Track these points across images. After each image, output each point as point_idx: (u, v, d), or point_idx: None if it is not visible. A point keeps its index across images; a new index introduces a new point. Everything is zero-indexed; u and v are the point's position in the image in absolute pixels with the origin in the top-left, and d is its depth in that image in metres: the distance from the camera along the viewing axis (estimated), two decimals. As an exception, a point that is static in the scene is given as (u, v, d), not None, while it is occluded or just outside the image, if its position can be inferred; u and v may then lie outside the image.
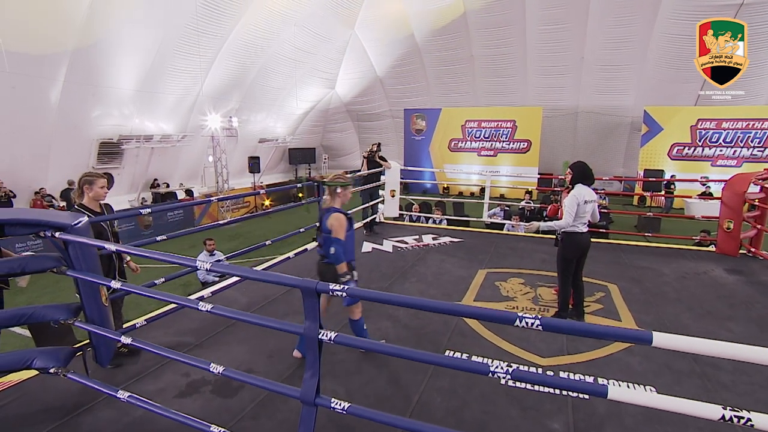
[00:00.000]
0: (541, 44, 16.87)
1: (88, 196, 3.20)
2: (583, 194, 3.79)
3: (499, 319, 1.55)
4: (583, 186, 3.86)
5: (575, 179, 3.90)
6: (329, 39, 19.17)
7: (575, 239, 3.86)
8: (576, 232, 3.84)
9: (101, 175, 3.28)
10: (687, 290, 4.71)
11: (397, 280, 5.03)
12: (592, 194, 3.87)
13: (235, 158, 18.54)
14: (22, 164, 11.81)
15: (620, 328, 1.52)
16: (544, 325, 1.50)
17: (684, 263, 5.69)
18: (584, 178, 3.88)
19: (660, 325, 3.82)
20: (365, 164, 6.98)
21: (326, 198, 3.20)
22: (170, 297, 2.19)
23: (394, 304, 1.73)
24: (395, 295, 1.71)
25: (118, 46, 12.07)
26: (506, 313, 1.52)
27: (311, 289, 1.68)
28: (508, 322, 1.51)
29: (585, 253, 3.95)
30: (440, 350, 3.38)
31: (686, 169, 15.95)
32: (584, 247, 3.92)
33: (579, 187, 3.85)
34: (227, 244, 11.20)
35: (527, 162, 18.09)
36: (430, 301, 1.66)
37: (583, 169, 3.92)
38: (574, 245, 3.87)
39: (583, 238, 3.88)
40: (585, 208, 3.80)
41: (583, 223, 3.83)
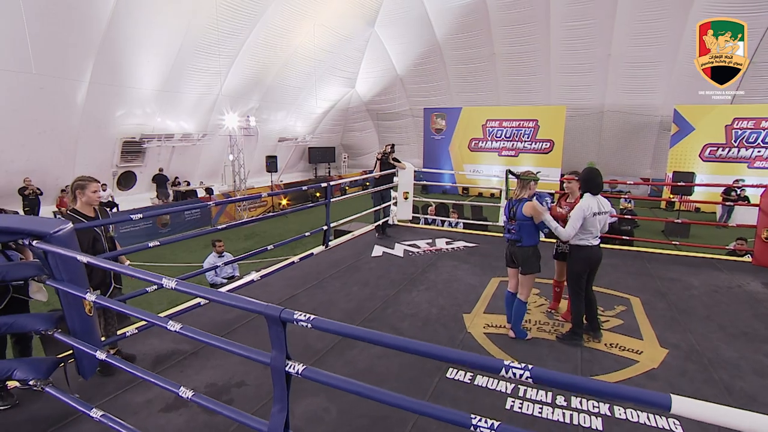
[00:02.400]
0: (566, 41, 16.31)
1: (81, 201, 3.13)
2: (591, 206, 3.47)
3: (483, 367, 1.34)
4: (591, 196, 3.53)
5: (582, 188, 3.64)
6: (349, 37, 19.08)
7: (585, 253, 3.57)
8: (585, 246, 3.56)
9: (94, 180, 3.21)
10: (718, 306, 4.34)
11: (405, 287, 4.84)
12: (603, 204, 3.57)
13: (255, 157, 18.68)
14: (50, 163, 12.14)
15: (625, 388, 1.25)
16: (535, 378, 1.28)
17: (716, 275, 5.28)
18: (591, 187, 3.55)
19: (687, 347, 3.50)
20: (378, 165, 6.81)
21: (515, 190, 3.67)
22: (139, 313, 2.05)
23: (362, 340, 1.53)
24: (364, 331, 1.51)
25: (140, 47, 12.27)
26: (491, 361, 1.31)
27: (275, 317, 1.51)
28: (493, 371, 1.30)
29: (596, 267, 3.67)
30: (443, 367, 3.17)
31: (719, 171, 15.11)
32: (594, 261, 3.63)
33: (587, 197, 3.53)
34: (243, 243, 11.23)
35: (550, 163, 17.52)
36: (403, 339, 1.47)
37: (588, 176, 3.58)
38: (584, 259, 3.58)
39: (593, 252, 3.58)
40: (593, 220, 3.49)
41: (594, 236, 3.55)
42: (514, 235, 3.61)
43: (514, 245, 3.65)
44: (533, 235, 3.56)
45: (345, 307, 4.29)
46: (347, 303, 4.41)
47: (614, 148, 17.90)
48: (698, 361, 3.28)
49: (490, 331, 3.76)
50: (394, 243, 6.67)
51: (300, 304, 4.40)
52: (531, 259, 3.53)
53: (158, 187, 15.51)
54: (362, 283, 4.97)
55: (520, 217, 3.55)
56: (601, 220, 3.54)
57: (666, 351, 3.40)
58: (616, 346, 3.47)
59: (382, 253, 6.20)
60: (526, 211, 3.52)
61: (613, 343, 3.51)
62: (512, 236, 3.62)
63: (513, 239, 3.63)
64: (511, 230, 3.62)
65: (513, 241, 3.64)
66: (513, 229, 3.61)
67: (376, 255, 6.13)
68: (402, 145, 24.63)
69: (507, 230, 3.69)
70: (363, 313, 4.15)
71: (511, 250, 3.69)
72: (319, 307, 4.32)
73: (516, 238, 3.60)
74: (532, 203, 3.51)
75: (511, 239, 3.65)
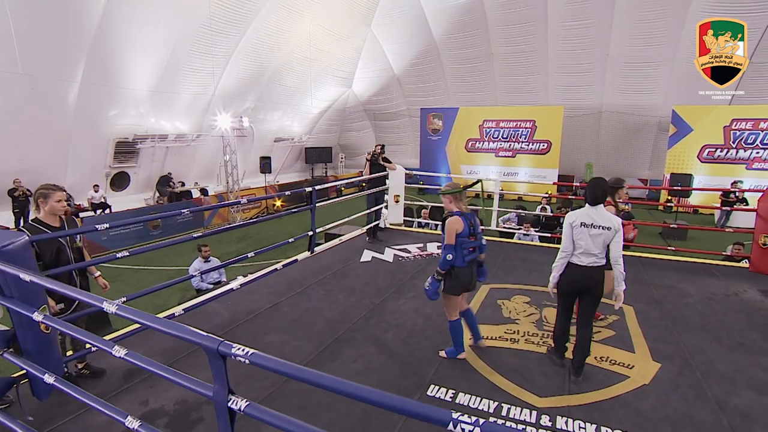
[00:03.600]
0: (564, 41, 16.16)
1: (44, 211, 2.98)
2: (578, 216, 3.06)
3: (429, 419, 1.16)
4: (586, 207, 3.08)
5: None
6: (345, 37, 18.93)
7: (568, 271, 3.11)
8: (570, 264, 3.11)
9: (58, 188, 3.04)
10: (714, 315, 4.21)
11: (392, 295, 4.70)
12: (598, 218, 2.99)
13: (251, 157, 18.53)
14: (42, 163, 11.99)
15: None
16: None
17: (712, 282, 5.15)
18: (586, 198, 3.11)
19: (680, 359, 3.37)
20: (368, 167, 6.65)
21: (453, 203, 3.30)
22: (85, 335, 1.90)
23: (303, 381, 1.36)
24: (305, 371, 1.33)
25: (133, 46, 12.10)
26: (438, 413, 1.15)
27: (213, 350, 1.37)
28: (440, 424, 1.14)
29: (586, 291, 3.09)
30: (424, 384, 3.03)
31: (718, 172, 14.96)
32: (576, 283, 3.08)
33: (582, 208, 3.12)
34: (235, 246, 11.09)
35: (547, 163, 17.39)
36: (348, 384, 1.33)
37: (589, 186, 3.11)
38: (566, 278, 3.13)
39: (577, 272, 3.05)
40: (580, 233, 3.02)
41: (583, 253, 3.03)
42: (475, 254, 3.28)
43: (474, 264, 3.30)
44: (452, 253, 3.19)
45: (328, 316, 4.15)
46: (331, 311, 4.27)
47: (612, 148, 17.76)
48: (692, 375, 3.15)
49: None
50: (384, 247, 6.53)
51: (282, 312, 4.26)
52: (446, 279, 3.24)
53: (158, 185, 15.39)
54: (348, 290, 4.83)
55: (478, 231, 3.29)
56: (594, 235, 2.99)
57: (658, 365, 3.27)
58: (606, 360, 3.34)
59: (371, 258, 6.06)
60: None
61: (604, 357, 3.38)
62: (474, 255, 3.27)
63: (474, 258, 3.29)
64: (472, 249, 3.24)
65: (473, 261, 3.28)
66: (474, 246, 3.25)
67: (365, 260, 5.99)
68: (399, 146, 24.50)
69: (468, 249, 3.21)
70: (347, 322, 4.01)
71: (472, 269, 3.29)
72: (302, 316, 4.18)
73: (475, 257, 3.30)
74: (456, 218, 3.18)
75: (474, 259, 3.28)
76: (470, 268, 3.25)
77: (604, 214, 3.03)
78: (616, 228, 2.98)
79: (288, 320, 4.08)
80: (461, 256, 3.17)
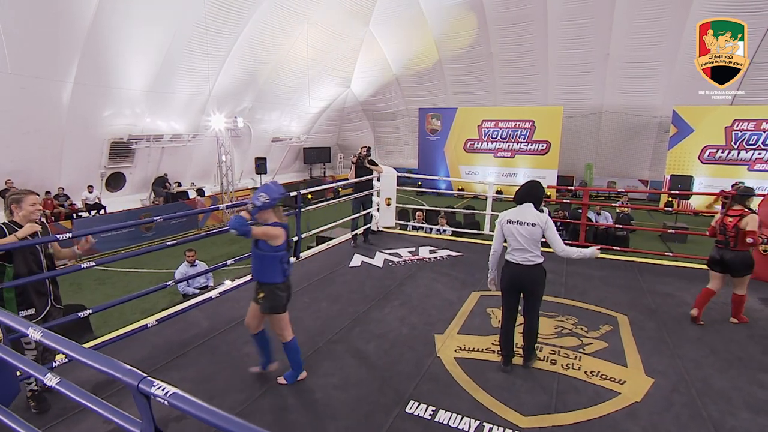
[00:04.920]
0: (564, 40, 15.97)
1: (17, 216, 2.86)
2: (506, 215, 3.24)
3: None
4: (518, 206, 3.26)
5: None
6: (343, 37, 18.77)
7: (505, 269, 3.25)
8: (507, 260, 3.24)
9: (30, 193, 2.93)
10: (712, 326, 4.05)
11: (378, 303, 4.55)
12: (524, 215, 3.15)
13: (248, 158, 18.39)
14: (35, 164, 11.88)
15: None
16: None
17: (710, 289, 4.97)
18: (516, 198, 3.30)
19: (675, 374, 3.20)
20: (353, 170, 6.48)
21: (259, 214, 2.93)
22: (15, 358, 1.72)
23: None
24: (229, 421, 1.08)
25: (127, 46, 11.97)
26: None
27: (133, 386, 1.22)
28: None
29: (524, 289, 3.20)
30: (403, 400, 2.88)
31: (719, 173, 14.74)
32: (513, 279, 3.18)
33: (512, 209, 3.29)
34: (227, 249, 10.95)
35: (546, 164, 17.20)
36: None
37: (521, 188, 3.31)
38: (504, 275, 3.25)
39: (512, 269, 3.17)
40: (508, 230, 3.19)
41: (515, 249, 3.15)
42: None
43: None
44: (268, 268, 2.88)
45: (310, 326, 4.00)
46: (313, 321, 4.12)
47: (612, 149, 17.57)
48: (686, 393, 2.99)
49: (462, 355, 3.47)
50: (375, 252, 6.38)
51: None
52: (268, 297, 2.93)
53: (155, 186, 15.28)
54: (333, 297, 4.69)
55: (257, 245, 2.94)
56: (518, 231, 3.12)
57: (651, 380, 3.11)
58: (597, 375, 3.18)
59: (360, 263, 5.91)
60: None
61: (594, 371, 3.22)
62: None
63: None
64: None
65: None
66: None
67: (354, 265, 5.84)
68: (398, 146, 24.36)
69: (288, 263, 2.98)
70: (328, 333, 3.86)
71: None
72: (283, 325, 4.02)
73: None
74: (280, 230, 2.87)
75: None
76: (288, 282, 3.01)
77: (531, 212, 3.17)
78: (541, 224, 3.11)
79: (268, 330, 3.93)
80: (282, 270, 2.89)
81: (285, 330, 3.00)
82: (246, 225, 2.68)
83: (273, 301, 2.91)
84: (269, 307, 2.92)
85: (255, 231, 2.74)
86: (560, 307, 4.40)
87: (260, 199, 2.76)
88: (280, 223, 2.88)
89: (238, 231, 2.66)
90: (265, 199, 2.76)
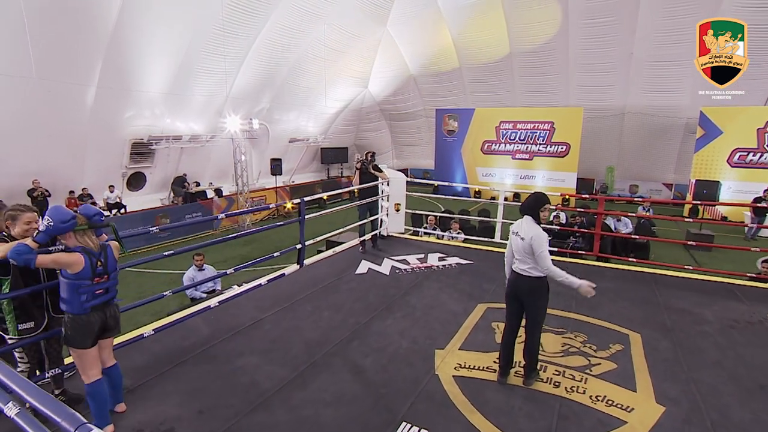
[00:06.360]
0: (586, 39, 15.53)
1: (13, 231, 2.82)
2: (514, 225, 3.31)
3: None
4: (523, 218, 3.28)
5: None
6: (361, 37, 18.72)
7: (510, 276, 3.34)
8: (512, 269, 3.30)
9: (27, 210, 2.79)
10: (734, 348, 3.79)
11: (380, 313, 4.45)
12: (522, 227, 3.18)
13: (266, 157, 18.56)
14: (60, 165, 12.26)
15: None
16: None
17: (734, 306, 4.69)
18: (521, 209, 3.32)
19: (689, 402, 3.00)
20: (358, 176, 6.39)
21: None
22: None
23: None
24: None
25: (147, 49, 12.22)
26: None
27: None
28: None
29: (521, 299, 3.19)
30: (395, 421, 2.78)
31: (749, 178, 14.06)
32: (511, 287, 3.27)
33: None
34: (240, 250, 11.05)
35: (565, 167, 16.77)
36: None
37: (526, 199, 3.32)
38: (508, 281, 3.34)
39: (513, 277, 3.26)
40: (511, 240, 3.28)
41: (517, 260, 3.20)
42: (107, 295, 2.66)
43: (108, 308, 2.69)
44: (65, 296, 2.52)
45: (309, 337, 3.94)
46: (313, 331, 4.06)
47: (635, 151, 17.00)
48: (700, 424, 2.79)
49: (461, 373, 3.35)
50: (383, 258, 6.29)
51: (263, 331, 4.08)
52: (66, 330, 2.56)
53: (174, 185, 15.59)
54: (336, 307, 4.62)
55: (111, 268, 2.68)
56: (515, 242, 3.19)
57: (662, 409, 2.92)
58: (602, 399, 3.01)
59: (367, 270, 5.83)
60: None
61: (600, 395, 3.05)
62: (105, 297, 2.65)
63: (108, 301, 2.68)
64: (102, 291, 2.63)
65: (105, 304, 2.67)
66: (105, 288, 2.64)
67: (360, 272, 5.77)
68: (415, 146, 24.22)
69: (93, 293, 2.58)
70: (326, 345, 3.79)
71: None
72: (282, 335, 3.98)
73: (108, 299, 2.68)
74: (75, 255, 2.51)
75: (108, 302, 2.68)
76: (100, 313, 2.61)
77: (527, 225, 3.17)
78: (528, 240, 3.08)
79: (267, 340, 3.89)
80: (79, 302, 2.51)
81: (85, 369, 2.57)
82: (26, 254, 2.36)
83: (66, 332, 2.54)
84: (64, 337, 2.57)
85: (41, 260, 2.41)
86: (569, 322, 4.22)
87: (44, 223, 2.43)
88: (81, 248, 2.53)
89: (17, 261, 2.37)
90: (48, 223, 2.40)
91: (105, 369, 2.73)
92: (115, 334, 2.79)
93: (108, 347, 2.76)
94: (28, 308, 2.81)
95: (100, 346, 2.67)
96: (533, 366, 3.22)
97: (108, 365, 2.76)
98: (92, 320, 2.56)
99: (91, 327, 2.56)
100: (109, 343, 2.77)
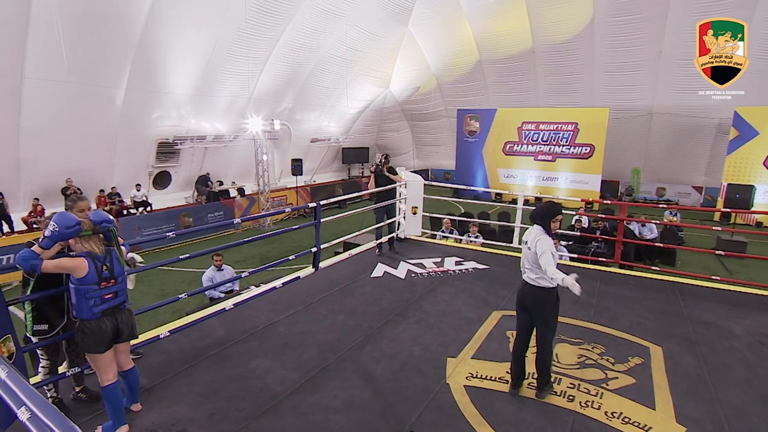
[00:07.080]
0: (612, 37, 15.07)
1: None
2: (525, 234, 3.27)
3: None
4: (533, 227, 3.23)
5: None
6: (382, 37, 18.72)
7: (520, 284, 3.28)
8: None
9: (81, 198, 2.95)
10: (764, 365, 3.60)
11: (393, 318, 4.44)
12: (530, 236, 3.15)
13: (288, 157, 18.80)
14: (91, 164, 12.76)
15: None
16: None
17: (766, 320, 4.47)
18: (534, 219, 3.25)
19: (712, 424, 2.86)
20: (373, 180, 6.39)
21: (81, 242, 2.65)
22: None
23: None
24: None
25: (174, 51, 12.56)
26: None
27: None
28: None
29: (528, 308, 3.15)
30: (403, 431, 2.77)
31: (787, 182, 13.42)
32: (519, 295, 3.23)
33: None
34: (260, 249, 11.22)
35: (589, 169, 16.35)
36: None
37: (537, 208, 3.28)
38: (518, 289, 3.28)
39: (521, 285, 3.22)
40: (523, 251, 3.23)
41: (525, 268, 3.18)
42: (115, 300, 2.69)
43: (119, 313, 2.73)
44: (75, 302, 2.58)
45: (321, 341, 3.97)
46: (326, 335, 4.08)
47: (663, 153, 16.41)
48: (722, 446, 2.67)
49: (473, 383, 3.30)
50: (399, 261, 6.27)
51: (277, 333, 4.13)
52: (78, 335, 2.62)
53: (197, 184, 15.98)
54: (350, 310, 4.63)
55: (118, 272, 2.70)
56: (524, 252, 3.18)
57: (683, 429, 2.80)
58: (618, 417, 2.91)
59: (383, 273, 5.83)
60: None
61: (616, 412, 2.95)
62: (114, 301, 2.68)
63: (117, 305, 2.71)
64: (110, 295, 2.66)
65: (115, 308, 2.70)
66: (113, 292, 2.67)
67: (376, 275, 5.77)
68: (436, 147, 24.06)
69: (101, 298, 2.62)
70: (338, 350, 3.81)
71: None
72: (295, 338, 4.02)
73: (118, 303, 2.72)
74: (80, 260, 2.55)
75: (117, 306, 2.71)
76: (111, 318, 2.65)
77: (533, 235, 3.14)
78: (532, 248, 3.06)
79: (280, 343, 3.94)
80: (88, 307, 2.55)
81: (100, 372, 2.64)
82: (31, 259, 2.41)
83: (80, 338, 2.59)
84: (77, 342, 2.65)
85: (46, 265, 2.46)
86: (587, 332, 4.11)
87: (49, 229, 2.44)
88: (86, 253, 2.56)
89: (24, 267, 2.41)
90: (53, 228, 2.43)
91: (122, 372, 2.80)
92: (130, 339, 2.83)
93: (124, 351, 2.83)
94: (44, 311, 2.89)
95: (116, 350, 2.74)
96: (546, 379, 3.16)
97: (125, 368, 2.83)
98: (103, 325, 2.59)
99: (102, 332, 2.58)
100: (125, 348, 2.84)
